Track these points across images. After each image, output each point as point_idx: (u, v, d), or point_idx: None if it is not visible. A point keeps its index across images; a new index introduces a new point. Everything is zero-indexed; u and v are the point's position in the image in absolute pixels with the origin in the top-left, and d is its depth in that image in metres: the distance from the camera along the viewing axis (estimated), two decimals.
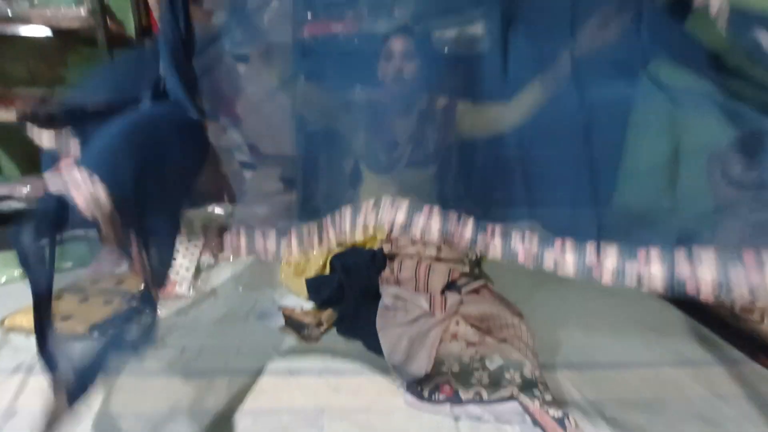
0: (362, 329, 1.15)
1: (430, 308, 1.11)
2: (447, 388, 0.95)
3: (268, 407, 0.93)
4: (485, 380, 0.95)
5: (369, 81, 1.05)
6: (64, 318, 1.17)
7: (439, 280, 1.21)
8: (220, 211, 1.31)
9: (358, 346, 1.16)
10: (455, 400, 0.93)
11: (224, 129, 1.13)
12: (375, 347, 1.07)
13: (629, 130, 0.82)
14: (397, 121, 1.07)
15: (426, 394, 0.95)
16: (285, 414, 0.92)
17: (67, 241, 1.87)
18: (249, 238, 0.89)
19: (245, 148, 1.31)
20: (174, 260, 1.44)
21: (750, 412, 0.96)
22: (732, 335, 1.22)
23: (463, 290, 1.19)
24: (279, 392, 0.98)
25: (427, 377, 0.97)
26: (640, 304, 1.38)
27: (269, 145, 1.27)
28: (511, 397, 0.91)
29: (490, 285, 1.28)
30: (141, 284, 0.79)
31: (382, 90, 1.06)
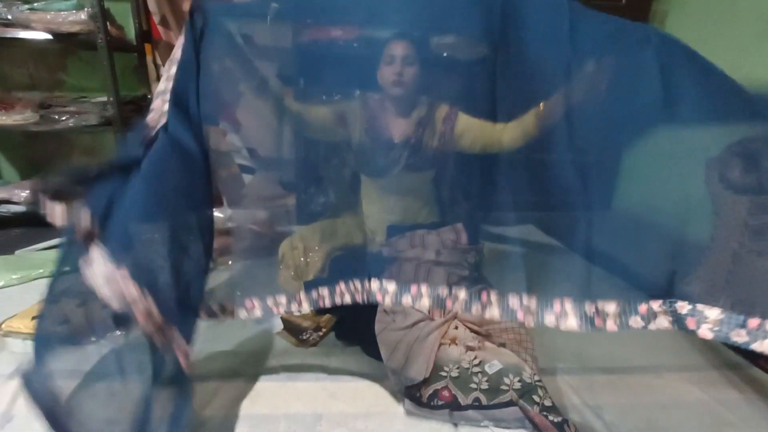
0: (361, 334, 1.15)
1: (429, 312, 1.11)
2: (446, 394, 0.94)
3: (265, 413, 0.92)
4: (484, 385, 0.94)
5: (368, 84, 1.06)
6: (62, 322, 1.16)
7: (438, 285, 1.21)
8: (219, 214, 1.31)
9: (357, 351, 1.15)
10: (454, 405, 0.92)
11: (224, 133, 1.14)
12: (373, 352, 1.07)
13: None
14: (394, 123, 1.07)
15: (425, 400, 0.94)
16: (282, 420, 0.91)
17: (65, 246, 1.87)
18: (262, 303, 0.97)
19: (245, 152, 1.31)
20: None
21: (750, 416, 0.95)
22: None
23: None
24: (276, 398, 0.97)
25: (425, 382, 0.96)
26: None
27: (269, 149, 1.28)
28: (511, 402, 0.90)
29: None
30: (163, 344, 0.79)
31: (382, 93, 1.07)
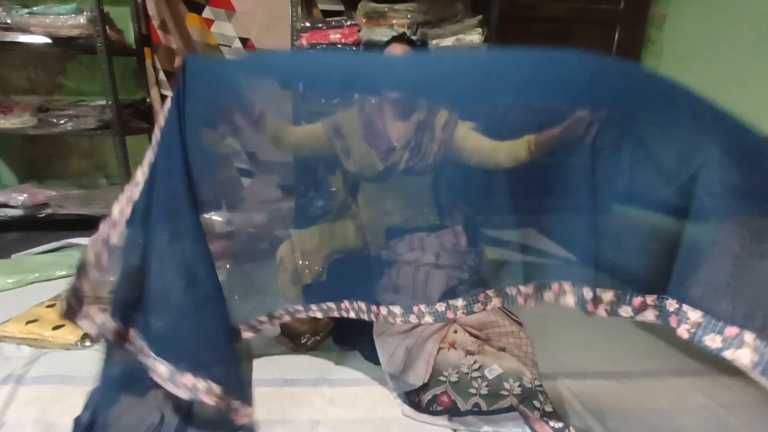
0: (359, 338, 1.14)
1: None
2: (445, 399, 0.93)
3: (261, 419, 0.91)
4: (484, 390, 0.93)
5: (367, 87, 1.06)
6: (57, 327, 1.15)
7: (437, 288, 1.20)
8: (218, 218, 1.31)
9: (355, 356, 1.14)
10: (453, 411, 0.91)
11: (223, 137, 1.13)
12: (372, 357, 1.06)
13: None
14: (393, 126, 1.06)
15: (424, 405, 0.93)
16: (278, 426, 0.89)
17: (64, 249, 1.86)
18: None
19: (244, 156, 1.31)
20: None
21: (752, 421, 0.94)
22: None
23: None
24: (272, 403, 0.96)
25: (424, 387, 0.95)
26: None
27: (268, 153, 1.27)
28: (511, 408, 0.89)
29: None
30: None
31: (381, 95, 1.07)
